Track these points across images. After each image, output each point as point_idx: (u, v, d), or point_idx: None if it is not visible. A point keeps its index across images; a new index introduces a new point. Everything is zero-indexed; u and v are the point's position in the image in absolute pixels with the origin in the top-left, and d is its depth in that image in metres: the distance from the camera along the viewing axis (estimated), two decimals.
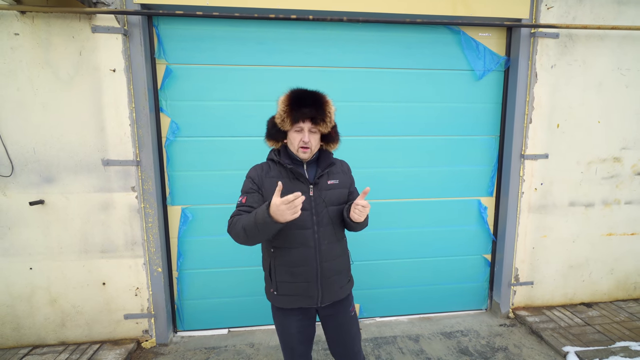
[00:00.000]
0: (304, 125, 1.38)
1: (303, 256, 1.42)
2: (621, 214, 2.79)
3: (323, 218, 1.44)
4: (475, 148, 2.67)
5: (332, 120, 1.43)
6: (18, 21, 2.04)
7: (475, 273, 2.85)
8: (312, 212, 1.42)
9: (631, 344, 2.32)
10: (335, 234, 1.48)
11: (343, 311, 1.56)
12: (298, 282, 1.44)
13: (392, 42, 2.45)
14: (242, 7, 2.19)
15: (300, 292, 1.45)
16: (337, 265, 1.49)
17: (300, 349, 1.56)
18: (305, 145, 1.39)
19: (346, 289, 1.55)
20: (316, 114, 1.37)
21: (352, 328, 1.58)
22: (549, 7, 2.42)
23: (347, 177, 1.56)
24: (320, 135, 1.45)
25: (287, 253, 1.43)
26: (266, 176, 1.47)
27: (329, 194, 1.46)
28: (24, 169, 2.18)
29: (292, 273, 1.44)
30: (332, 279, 1.47)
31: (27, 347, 2.33)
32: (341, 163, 1.58)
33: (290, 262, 1.43)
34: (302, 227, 1.41)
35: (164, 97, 2.34)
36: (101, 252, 2.31)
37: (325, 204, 1.45)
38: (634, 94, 2.63)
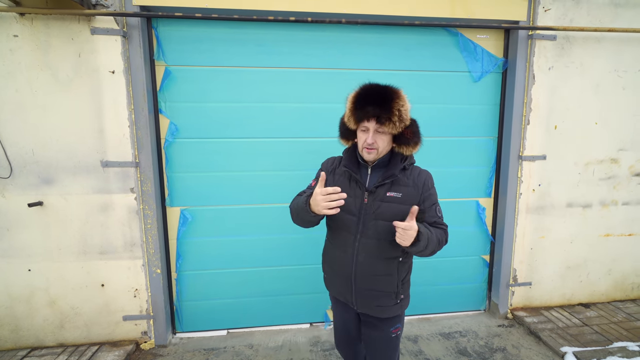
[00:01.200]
0: (368, 124, 1.26)
1: (341, 258, 1.40)
2: (619, 214, 2.80)
3: (368, 229, 1.32)
4: (473, 149, 2.68)
5: (403, 119, 1.27)
6: (17, 23, 2.04)
7: (474, 274, 2.86)
8: (359, 219, 1.33)
9: (629, 344, 2.33)
10: (379, 250, 1.33)
11: (380, 329, 1.45)
12: (336, 277, 1.47)
13: (390, 44, 2.46)
14: (241, 9, 2.20)
15: (337, 287, 1.48)
16: (374, 283, 1.36)
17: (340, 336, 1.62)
18: (370, 147, 1.27)
19: (387, 311, 1.40)
20: (381, 112, 1.23)
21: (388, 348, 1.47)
22: (546, 10, 2.44)
23: (418, 193, 1.34)
24: (390, 136, 1.31)
25: (331, 248, 1.47)
26: (333, 172, 1.43)
27: (384, 206, 1.31)
28: (22, 170, 2.18)
29: (331, 268, 1.48)
30: (368, 293, 1.38)
31: (26, 349, 2.32)
32: (418, 174, 1.37)
33: (332, 257, 1.47)
34: (347, 230, 1.37)
35: (163, 99, 2.35)
36: (100, 254, 2.31)
37: (375, 215, 1.31)
38: (631, 96, 2.64)
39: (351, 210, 1.33)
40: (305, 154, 2.49)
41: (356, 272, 1.37)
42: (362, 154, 1.33)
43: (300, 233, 2.56)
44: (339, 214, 1.27)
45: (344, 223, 1.35)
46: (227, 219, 2.51)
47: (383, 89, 1.28)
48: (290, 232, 2.57)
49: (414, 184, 1.36)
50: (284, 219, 2.55)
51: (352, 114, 1.30)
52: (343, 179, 1.38)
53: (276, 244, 2.58)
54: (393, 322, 1.46)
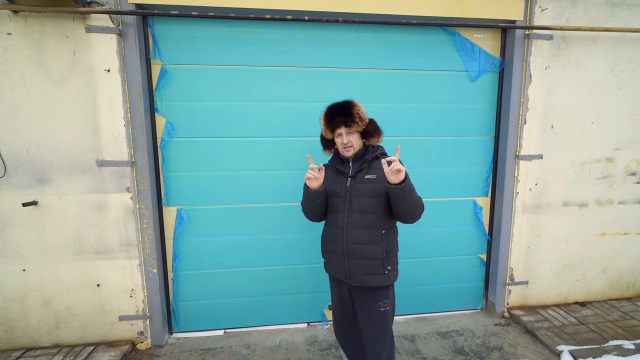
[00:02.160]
0: (340, 130, 1.66)
1: (335, 234, 1.71)
2: (614, 213, 2.81)
3: (353, 206, 1.66)
4: (470, 149, 2.68)
5: (362, 119, 1.67)
6: (11, 21, 2.02)
7: (471, 273, 2.87)
8: (345, 199, 1.68)
9: (624, 343, 2.35)
10: (364, 221, 1.64)
11: (370, 301, 1.69)
12: (332, 254, 1.74)
13: (387, 43, 2.45)
14: (238, 8, 2.19)
15: (334, 264, 1.75)
16: (363, 250, 1.65)
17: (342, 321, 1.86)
18: (346, 145, 1.66)
19: (378, 279, 1.66)
20: (346, 118, 1.64)
21: (377, 323, 1.71)
22: (543, 9, 2.44)
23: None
24: (359, 134, 1.69)
25: (327, 229, 1.79)
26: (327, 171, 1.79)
27: (363, 186, 1.65)
28: (17, 169, 2.16)
29: (328, 246, 1.77)
30: (358, 262, 1.65)
31: (20, 350, 2.31)
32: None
33: (328, 237, 1.77)
34: (337, 210, 1.71)
35: (159, 98, 2.33)
36: (96, 254, 2.30)
37: (357, 194, 1.65)
38: (627, 95, 2.66)
39: (339, 194, 1.70)
40: (301, 153, 2.48)
41: (347, 242, 1.66)
42: (343, 153, 1.71)
43: (298, 232, 2.56)
44: (331, 198, 1.72)
45: (335, 205, 1.72)
46: (223, 218, 2.50)
47: (343, 103, 1.70)
48: (287, 232, 2.56)
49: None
50: (280, 218, 2.54)
51: (327, 127, 1.72)
52: (331, 174, 1.77)
53: (273, 244, 2.57)
54: (381, 296, 1.69)
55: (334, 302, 1.89)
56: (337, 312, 1.88)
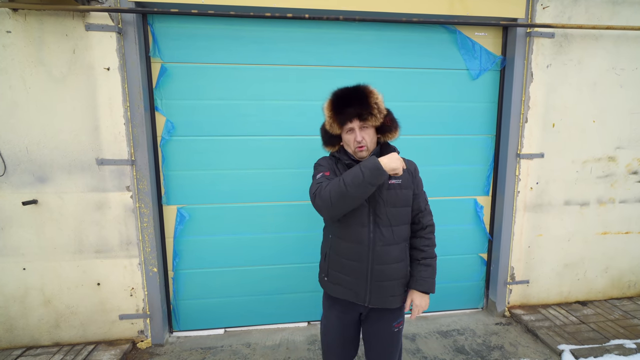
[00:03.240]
0: (352, 124, 1.34)
1: (356, 252, 1.40)
2: (616, 212, 2.81)
3: (381, 218, 1.38)
4: (471, 147, 2.67)
5: (381, 110, 1.36)
6: (10, 19, 2.01)
7: (472, 272, 2.86)
8: (369, 209, 1.38)
9: (625, 342, 2.34)
10: (394, 237, 1.40)
11: (386, 323, 1.49)
12: (347, 275, 1.43)
13: (388, 41, 2.44)
14: (238, 6, 2.18)
15: (348, 286, 1.44)
16: (391, 271, 1.41)
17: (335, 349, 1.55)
18: (360, 145, 1.35)
19: (398, 300, 1.46)
20: (361, 109, 1.31)
21: (391, 344, 1.51)
22: (544, 7, 2.43)
23: (413, 177, 1.46)
24: (374, 129, 1.39)
25: (343, 245, 1.43)
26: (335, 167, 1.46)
27: (390, 193, 1.38)
28: (16, 168, 2.15)
29: (343, 265, 1.44)
30: (384, 284, 1.41)
31: (21, 349, 2.31)
32: (408, 162, 1.49)
33: (344, 254, 1.43)
34: (360, 223, 1.38)
35: (159, 96, 2.33)
36: (96, 252, 2.30)
37: (384, 202, 1.38)
38: (629, 94, 2.64)
39: (362, 203, 1.36)
40: (302, 152, 2.47)
41: (373, 263, 1.38)
42: (356, 154, 1.39)
43: (299, 231, 2.56)
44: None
45: (356, 215, 1.37)
46: (224, 217, 2.50)
47: (356, 89, 1.35)
48: (288, 230, 2.56)
49: (407, 170, 1.44)
50: (281, 217, 2.54)
51: (334, 119, 1.36)
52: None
53: (273, 242, 2.57)
54: (397, 316, 1.51)
55: (329, 330, 1.55)
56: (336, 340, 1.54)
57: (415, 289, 1.45)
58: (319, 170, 1.47)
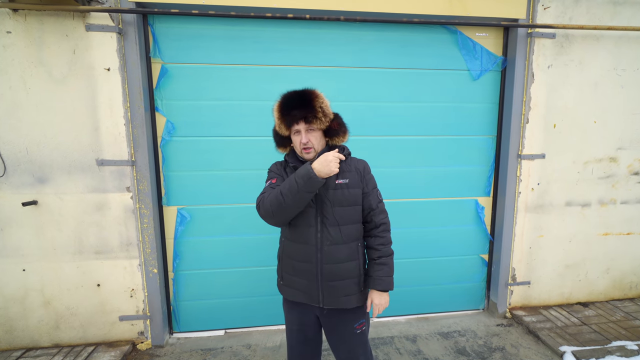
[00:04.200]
0: (299, 127, 1.37)
1: (305, 253, 1.43)
2: (617, 213, 2.80)
3: (328, 218, 1.40)
4: (472, 148, 2.67)
5: (326, 114, 1.38)
6: (10, 19, 2.01)
7: (473, 273, 2.85)
8: (316, 210, 1.40)
9: (627, 343, 2.33)
10: (342, 237, 1.42)
11: (347, 324, 1.48)
12: (299, 277, 1.46)
13: (389, 41, 2.44)
14: (239, 6, 2.18)
15: (300, 288, 1.46)
16: (342, 270, 1.42)
17: (299, 349, 1.55)
18: (306, 146, 1.38)
19: (354, 299, 1.45)
20: (306, 112, 1.35)
21: (356, 345, 1.50)
22: (545, 8, 2.42)
23: (361, 177, 1.47)
24: (321, 132, 1.42)
25: (292, 247, 1.47)
26: (284, 171, 1.50)
27: (336, 193, 1.40)
28: (16, 169, 2.15)
29: (294, 267, 1.46)
30: (336, 283, 1.42)
31: (20, 350, 2.30)
32: (357, 162, 1.50)
33: (294, 256, 1.46)
34: (307, 224, 1.41)
35: (160, 97, 2.32)
36: (96, 253, 2.29)
37: (331, 203, 1.40)
38: (630, 94, 2.64)
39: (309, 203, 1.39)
40: None
41: (322, 263, 1.41)
42: (302, 155, 1.42)
43: None
44: None
45: (303, 216, 1.40)
46: (224, 218, 2.49)
47: (302, 93, 1.39)
48: None
49: (356, 170, 1.47)
50: None
51: (282, 121, 1.39)
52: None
53: (274, 243, 2.54)
54: (357, 317, 1.50)
55: (291, 329, 1.57)
56: (296, 341, 1.56)
57: (374, 288, 1.46)
58: (268, 176, 1.52)
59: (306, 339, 1.55)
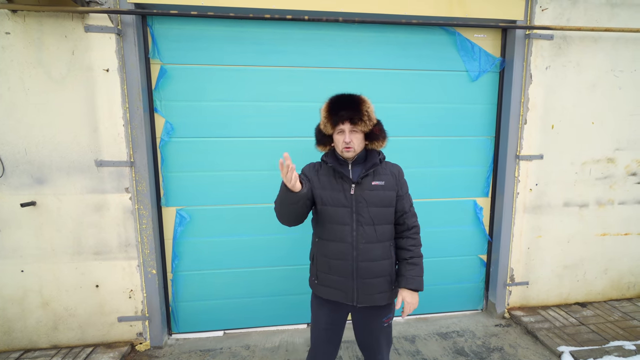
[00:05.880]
0: (343, 126, 1.46)
1: (340, 251, 1.49)
2: (615, 214, 2.81)
3: (363, 217, 1.48)
4: (470, 149, 2.67)
5: (371, 118, 1.48)
6: (9, 20, 2.01)
7: (471, 273, 2.86)
8: (352, 209, 1.48)
9: (625, 344, 2.34)
10: (377, 235, 1.49)
11: (376, 319, 1.57)
12: (335, 275, 1.52)
13: (387, 42, 2.45)
14: (238, 7, 2.18)
15: (336, 286, 1.52)
16: (376, 268, 1.49)
17: (322, 347, 1.62)
18: (348, 145, 1.46)
19: (386, 296, 1.54)
20: (353, 114, 1.44)
21: (381, 338, 1.61)
22: (543, 9, 2.44)
23: (396, 180, 1.56)
24: (363, 134, 1.51)
25: (327, 245, 1.53)
26: (316, 173, 1.57)
27: (372, 194, 1.49)
28: (15, 170, 2.14)
29: (330, 265, 1.53)
30: (370, 281, 1.49)
31: (19, 351, 2.29)
32: (392, 166, 1.60)
33: (329, 254, 1.52)
34: (342, 222, 1.49)
35: (159, 98, 2.32)
36: (94, 254, 2.29)
37: (366, 203, 1.48)
38: (628, 96, 2.65)
39: (343, 202, 1.49)
40: (301, 153, 2.46)
41: (357, 260, 1.48)
42: (342, 153, 1.51)
43: (297, 232, 2.55)
44: (332, 208, 1.49)
45: (338, 215, 1.49)
46: (223, 219, 2.49)
47: (351, 96, 1.49)
48: (287, 232, 2.55)
49: (391, 173, 1.57)
50: None
51: (328, 120, 1.49)
52: (328, 177, 1.54)
53: (273, 244, 2.56)
54: (386, 312, 1.59)
55: (318, 328, 1.61)
56: (321, 340, 1.61)
57: (406, 287, 1.52)
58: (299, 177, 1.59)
59: (331, 338, 1.61)
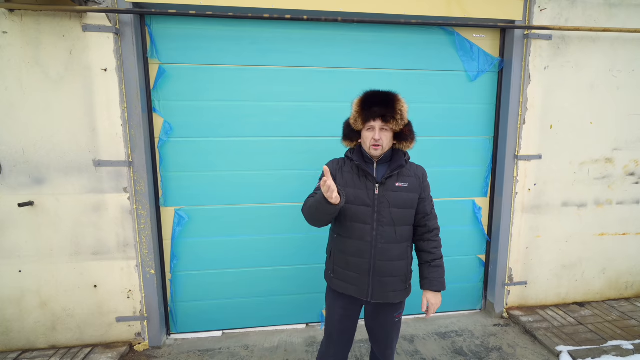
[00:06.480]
0: (374, 123, 1.44)
1: (359, 249, 1.50)
2: (613, 214, 2.82)
3: (384, 217, 1.47)
4: (469, 149, 2.68)
5: (403, 118, 1.46)
6: (6, 19, 2.00)
7: (470, 273, 2.86)
8: (374, 209, 1.47)
9: (623, 343, 2.35)
10: (396, 236, 1.50)
11: (388, 315, 1.61)
12: (351, 271, 1.53)
13: (386, 42, 2.44)
14: (236, 7, 2.18)
15: (352, 282, 1.54)
16: (392, 268, 1.51)
17: (336, 339, 1.66)
18: (377, 143, 1.44)
19: (400, 295, 1.56)
20: (386, 111, 1.42)
21: (392, 332, 1.65)
22: (542, 9, 2.44)
23: (420, 182, 1.56)
24: (392, 134, 1.48)
25: (346, 242, 1.53)
26: (340, 170, 1.55)
27: (395, 195, 1.48)
28: (12, 170, 2.14)
29: (347, 261, 1.54)
30: (386, 280, 1.51)
31: (17, 352, 2.28)
32: (417, 168, 1.59)
33: (347, 251, 1.53)
34: (363, 221, 1.48)
35: (157, 97, 2.32)
36: (93, 254, 2.28)
37: (389, 204, 1.47)
38: (626, 96, 2.66)
39: (365, 202, 1.47)
40: (300, 154, 2.47)
41: (375, 259, 1.49)
42: (370, 151, 1.48)
43: (297, 233, 2.55)
44: (354, 206, 1.48)
45: (360, 214, 1.48)
46: (222, 219, 2.49)
47: (386, 94, 1.46)
48: (286, 232, 2.55)
49: (415, 175, 1.56)
50: (279, 218, 2.53)
51: (360, 115, 1.46)
52: (352, 175, 1.51)
53: (272, 244, 2.56)
54: (397, 308, 1.62)
55: (333, 319, 1.64)
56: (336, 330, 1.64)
57: (430, 289, 1.56)
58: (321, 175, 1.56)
59: (346, 328, 1.64)
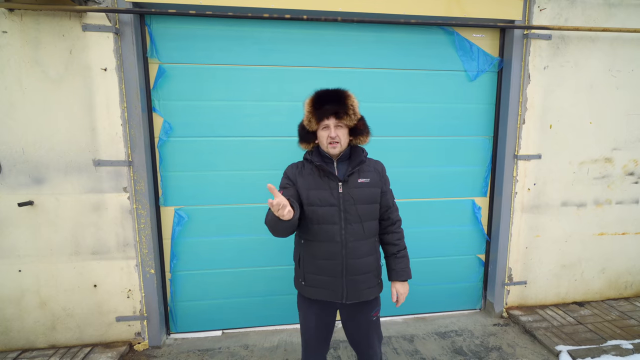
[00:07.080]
0: (329, 121, 1.44)
1: (329, 251, 1.48)
2: (612, 213, 2.82)
3: (351, 215, 1.47)
4: (469, 149, 2.68)
5: (356, 112, 1.47)
6: (6, 19, 2.00)
7: (470, 273, 2.86)
8: (340, 208, 1.47)
9: (622, 343, 2.35)
10: (364, 232, 1.50)
11: (365, 314, 1.59)
12: (324, 275, 1.50)
13: (386, 42, 2.45)
14: (236, 7, 2.18)
15: (325, 286, 1.51)
16: (363, 264, 1.51)
17: (314, 345, 1.63)
18: (334, 140, 1.44)
19: (374, 291, 1.57)
20: (339, 108, 1.43)
21: (371, 332, 1.62)
22: (541, 9, 2.44)
23: (380, 176, 1.58)
24: (347, 129, 1.49)
25: (315, 246, 1.50)
26: (300, 174, 1.54)
27: (359, 192, 1.49)
28: (12, 169, 2.14)
29: (318, 266, 1.51)
30: (358, 277, 1.50)
31: (16, 351, 2.28)
32: (375, 162, 1.61)
33: (317, 255, 1.50)
34: (331, 222, 1.47)
35: (157, 97, 2.32)
36: (92, 254, 2.28)
37: (354, 201, 1.47)
38: (625, 96, 2.66)
39: (330, 202, 1.46)
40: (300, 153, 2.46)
41: (347, 258, 1.48)
42: (328, 149, 1.48)
43: None
44: (320, 208, 1.46)
45: (327, 215, 1.46)
46: (221, 218, 2.49)
47: (336, 91, 1.47)
48: None
49: (375, 170, 1.57)
50: None
51: (313, 114, 1.46)
52: (313, 177, 1.50)
53: (272, 244, 2.56)
54: (374, 306, 1.61)
55: (308, 329, 1.60)
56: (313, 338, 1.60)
57: (398, 280, 1.61)
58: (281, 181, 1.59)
59: (322, 335, 1.62)
